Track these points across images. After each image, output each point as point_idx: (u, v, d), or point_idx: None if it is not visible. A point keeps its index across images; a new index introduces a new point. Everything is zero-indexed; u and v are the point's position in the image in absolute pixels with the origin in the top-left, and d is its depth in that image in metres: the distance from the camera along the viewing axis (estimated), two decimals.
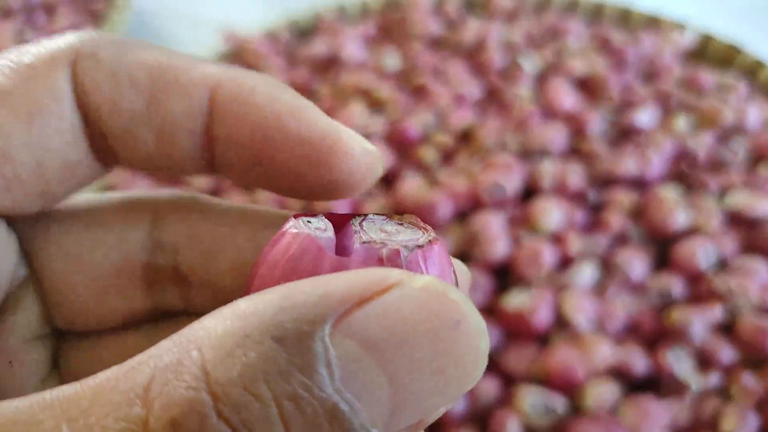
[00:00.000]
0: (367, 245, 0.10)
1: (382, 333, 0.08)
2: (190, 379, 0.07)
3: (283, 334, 0.08)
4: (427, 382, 0.08)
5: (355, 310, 0.08)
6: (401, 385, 0.08)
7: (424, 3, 0.65)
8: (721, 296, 0.38)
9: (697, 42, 0.60)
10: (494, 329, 0.36)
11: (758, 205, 0.42)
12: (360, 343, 0.08)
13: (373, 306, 0.08)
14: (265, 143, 0.12)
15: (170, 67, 0.12)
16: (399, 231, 0.11)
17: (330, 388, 0.08)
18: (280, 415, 0.07)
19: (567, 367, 0.34)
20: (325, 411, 0.07)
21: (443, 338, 0.08)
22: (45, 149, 0.11)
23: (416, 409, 0.08)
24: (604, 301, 0.37)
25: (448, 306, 0.08)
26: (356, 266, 0.10)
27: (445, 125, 0.49)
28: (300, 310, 0.08)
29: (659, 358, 0.35)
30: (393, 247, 0.10)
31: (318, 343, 0.08)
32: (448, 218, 0.41)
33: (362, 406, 0.08)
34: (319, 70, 0.60)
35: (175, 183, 0.49)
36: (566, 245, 0.39)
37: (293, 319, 0.08)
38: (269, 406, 0.07)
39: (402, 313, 0.08)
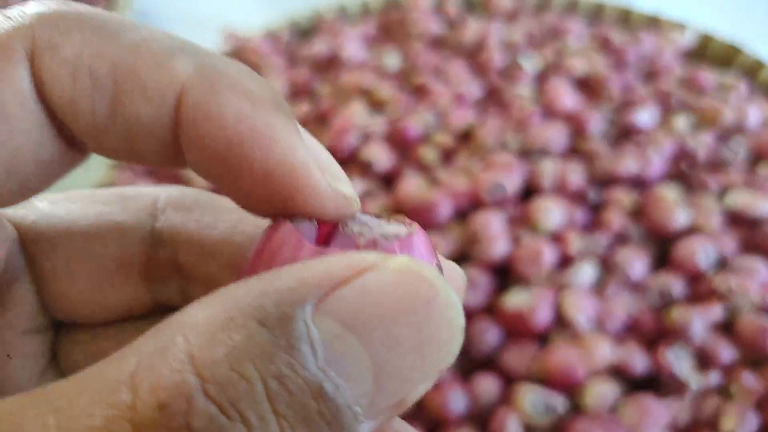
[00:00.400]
0: (347, 236, 0.10)
1: (361, 312, 0.08)
2: (176, 363, 0.07)
3: (266, 317, 0.08)
4: (406, 359, 0.08)
5: (335, 292, 0.08)
6: (382, 363, 0.08)
7: (424, 3, 0.65)
8: (721, 295, 0.38)
9: (697, 42, 0.60)
10: (494, 328, 0.36)
11: (758, 204, 0.42)
12: (341, 322, 0.08)
13: (351, 287, 0.08)
14: (229, 164, 0.11)
15: (135, 67, 0.11)
16: (381, 225, 0.11)
17: (314, 367, 0.08)
18: (266, 394, 0.07)
19: (567, 366, 0.34)
20: (310, 389, 0.08)
21: (418, 315, 0.08)
22: (13, 150, 0.11)
23: (398, 387, 0.08)
24: (604, 301, 0.37)
25: (421, 284, 0.09)
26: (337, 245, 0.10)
27: (445, 125, 0.49)
28: (281, 293, 0.08)
29: (659, 358, 0.35)
30: (371, 237, 0.10)
31: (300, 324, 0.08)
32: (448, 218, 0.41)
33: (346, 385, 0.08)
34: (320, 69, 0.60)
35: (177, 181, 0.49)
36: (566, 245, 0.39)
37: (275, 302, 0.08)
38: (255, 384, 0.07)
39: (379, 292, 0.08)
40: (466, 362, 0.37)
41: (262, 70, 0.59)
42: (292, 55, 0.62)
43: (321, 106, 0.53)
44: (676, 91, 0.51)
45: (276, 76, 0.57)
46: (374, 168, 0.45)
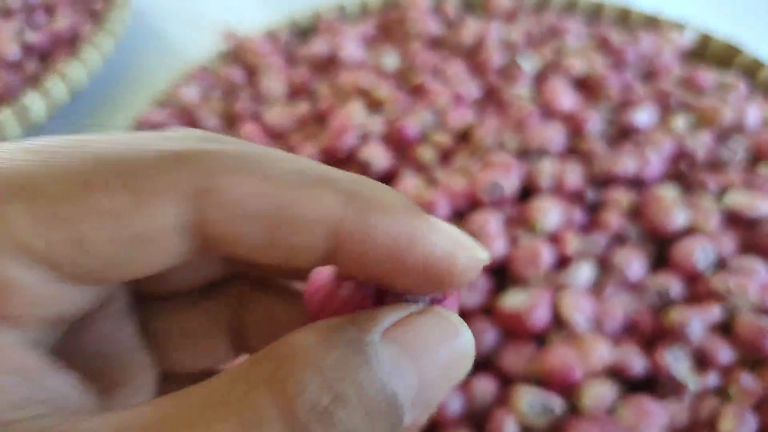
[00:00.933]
0: (396, 294, 0.14)
1: (413, 341, 0.12)
2: (292, 378, 0.11)
3: (351, 340, 0.12)
4: (439, 373, 0.12)
5: (395, 327, 0.12)
6: (424, 375, 0.12)
7: (423, 3, 0.65)
8: (720, 296, 0.37)
9: (697, 42, 0.60)
10: (492, 329, 0.36)
11: (757, 204, 0.41)
12: (399, 347, 0.12)
13: (406, 324, 0.13)
14: (385, 270, 0.13)
15: (291, 202, 0.12)
16: None
17: (381, 375, 0.11)
18: (356, 395, 0.11)
19: (564, 367, 0.34)
20: (378, 390, 0.11)
21: (449, 345, 0.13)
22: (146, 264, 0.12)
23: (432, 392, 0.12)
24: (602, 301, 0.37)
25: (450, 326, 0.13)
26: (390, 300, 0.14)
27: (444, 125, 0.49)
28: (361, 325, 0.12)
29: (657, 359, 0.35)
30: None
31: (372, 346, 0.12)
32: (445, 218, 0.41)
33: (401, 389, 0.12)
34: (319, 69, 0.60)
35: None
36: (564, 245, 0.39)
37: (358, 330, 0.12)
38: (348, 390, 0.11)
39: (424, 329, 0.13)
40: None
41: (261, 70, 0.59)
42: (291, 54, 0.62)
43: (320, 106, 0.53)
44: (675, 90, 0.51)
45: (275, 76, 0.57)
46: (373, 168, 0.45)
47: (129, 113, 0.60)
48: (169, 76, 0.65)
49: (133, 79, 0.71)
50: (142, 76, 0.73)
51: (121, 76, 0.71)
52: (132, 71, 0.72)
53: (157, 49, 0.76)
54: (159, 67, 0.75)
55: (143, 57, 0.75)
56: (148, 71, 0.73)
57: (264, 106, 0.55)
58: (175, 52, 0.76)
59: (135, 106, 0.68)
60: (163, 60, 0.75)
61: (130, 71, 0.72)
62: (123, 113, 0.68)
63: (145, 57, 0.75)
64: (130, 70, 0.72)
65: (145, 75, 0.73)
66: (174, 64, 0.74)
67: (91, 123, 0.66)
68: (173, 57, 0.76)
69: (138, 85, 0.71)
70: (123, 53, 0.72)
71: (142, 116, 0.54)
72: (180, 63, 0.69)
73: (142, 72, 0.73)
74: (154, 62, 0.74)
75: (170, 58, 0.75)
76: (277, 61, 0.60)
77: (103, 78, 0.69)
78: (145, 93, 0.67)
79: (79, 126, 0.65)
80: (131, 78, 0.72)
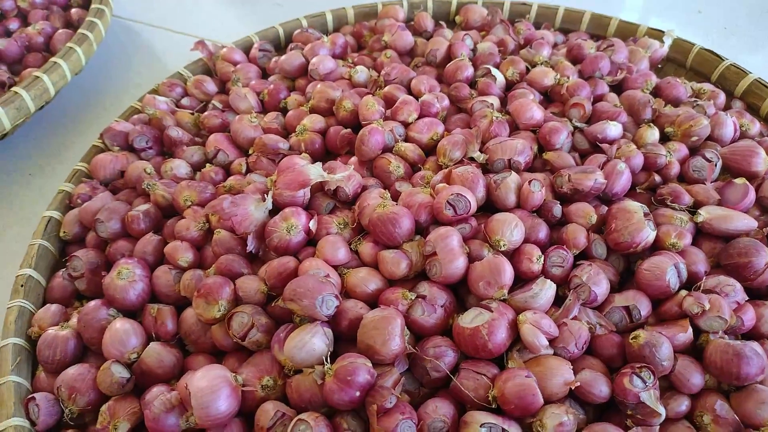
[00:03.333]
0: None
1: None
2: None
3: None
4: None
5: None
6: None
7: (397, 15, 0.65)
8: (692, 316, 0.35)
9: (675, 51, 0.59)
10: (450, 350, 0.34)
11: (731, 221, 0.40)
12: None
13: None
14: None
15: None
16: None
17: None
18: None
19: (523, 392, 0.32)
20: None
21: None
22: None
23: None
24: (566, 322, 0.35)
25: None
26: None
27: (411, 137, 0.48)
28: None
29: (624, 383, 0.33)
30: None
31: None
32: (408, 232, 0.39)
33: None
34: (291, 79, 0.59)
35: (143, 196, 0.48)
36: (527, 262, 0.37)
37: None
38: None
39: None
40: (418, 387, 0.35)
41: (234, 78, 0.58)
42: (264, 65, 0.61)
43: (291, 116, 0.52)
44: (650, 101, 0.50)
45: (245, 88, 0.56)
46: (340, 194, 0.43)
47: (99, 126, 0.59)
48: (145, 87, 0.64)
49: (105, 91, 0.71)
50: (116, 88, 0.72)
51: (93, 88, 0.70)
52: (105, 82, 0.72)
53: (133, 60, 0.75)
54: (135, 78, 0.74)
55: (118, 68, 0.74)
56: (123, 83, 0.72)
57: (234, 117, 0.53)
58: (151, 62, 0.75)
59: (106, 117, 0.67)
60: (139, 70, 0.74)
61: (103, 83, 0.71)
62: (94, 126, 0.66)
63: (120, 68, 0.74)
64: (104, 82, 0.71)
65: (120, 86, 0.72)
66: (150, 74, 0.73)
67: (60, 134, 0.65)
68: (149, 67, 0.75)
69: (110, 97, 0.70)
70: (98, 63, 0.71)
71: (110, 126, 0.53)
72: (156, 73, 0.68)
73: (115, 84, 0.72)
74: (129, 73, 0.73)
75: (146, 69, 0.75)
76: (250, 70, 0.60)
77: (78, 87, 0.69)
78: (119, 104, 0.66)
79: (48, 137, 0.64)
80: (103, 90, 0.71)
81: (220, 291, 0.37)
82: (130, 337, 0.37)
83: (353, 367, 0.31)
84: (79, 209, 0.46)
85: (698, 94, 0.53)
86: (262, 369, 0.34)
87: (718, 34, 0.77)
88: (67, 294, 0.43)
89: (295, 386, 0.33)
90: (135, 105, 0.56)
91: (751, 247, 0.38)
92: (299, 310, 0.34)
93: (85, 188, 0.48)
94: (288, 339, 0.33)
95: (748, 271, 0.37)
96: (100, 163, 0.49)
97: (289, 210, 0.40)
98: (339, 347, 0.35)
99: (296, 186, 0.41)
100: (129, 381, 0.36)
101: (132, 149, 0.51)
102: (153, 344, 0.37)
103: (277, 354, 0.34)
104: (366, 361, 0.32)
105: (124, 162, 0.50)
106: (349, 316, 0.35)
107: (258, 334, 0.35)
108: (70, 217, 0.46)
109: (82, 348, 0.39)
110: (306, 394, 0.33)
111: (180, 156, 0.50)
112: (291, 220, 0.39)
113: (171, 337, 0.38)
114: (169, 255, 0.41)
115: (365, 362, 0.32)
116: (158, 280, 0.40)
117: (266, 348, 0.36)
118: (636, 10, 0.85)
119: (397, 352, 0.33)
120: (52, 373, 0.38)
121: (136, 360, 0.37)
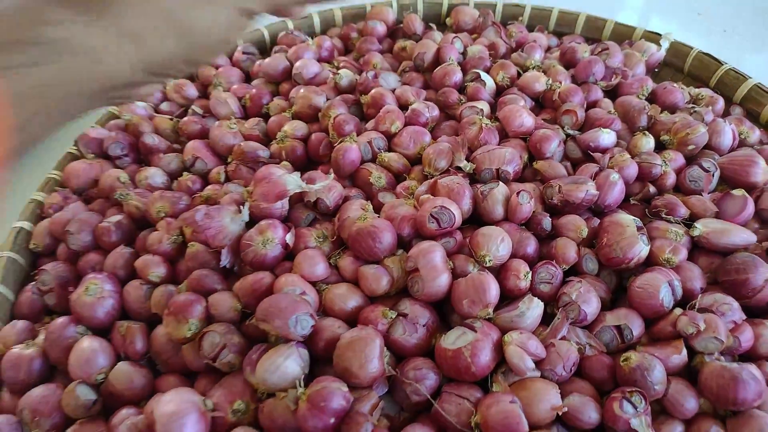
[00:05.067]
0: None
1: None
2: None
3: None
4: None
5: None
6: None
7: (386, 18, 0.63)
8: (687, 337, 0.34)
9: (673, 55, 0.57)
10: (432, 372, 0.33)
11: (729, 235, 0.38)
12: None
13: None
14: None
15: None
16: None
17: None
18: None
19: (508, 418, 0.30)
20: None
21: None
22: None
23: None
24: (554, 342, 0.33)
25: None
26: None
27: (395, 145, 0.46)
28: None
29: (614, 408, 0.31)
30: None
31: None
32: (390, 246, 0.37)
33: None
34: (274, 83, 0.57)
35: (114, 206, 0.46)
36: (514, 278, 0.35)
37: None
38: None
39: None
40: (398, 412, 0.33)
41: (217, 82, 0.56)
42: (248, 68, 0.59)
43: (273, 121, 0.50)
44: (644, 107, 0.48)
45: (226, 92, 0.54)
46: (321, 205, 0.42)
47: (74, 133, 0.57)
48: None
49: None
50: None
51: None
52: None
53: None
54: None
55: None
56: None
57: (213, 123, 0.51)
58: None
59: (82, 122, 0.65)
60: None
61: None
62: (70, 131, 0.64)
63: None
64: None
65: None
66: None
67: None
68: None
69: None
70: None
71: (85, 132, 0.51)
72: None
73: None
74: None
75: None
76: (233, 73, 0.58)
77: None
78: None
79: None
80: None
81: (190, 309, 0.35)
82: (97, 357, 0.35)
83: (327, 392, 0.30)
84: (50, 220, 0.44)
85: (696, 99, 0.51)
86: (234, 392, 0.32)
87: (719, 35, 0.75)
88: (36, 309, 0.41)
89: (267, 411, 0.31)
90: (112, 110, 0.55)
91: (749, 262, 0.36)
92: (272, 330, 0.32)
93: (57, 198, 0.46)
94: (260, 361, 0.32)
95: (746, 288, 0.35)
96: (74, 172, 0.48)
97: (265, 222, 0.38)
98: (316, 368, 0.33)
99: (273, 197, 0.39)
100: (96, 403, 0.34)
101: (107, 156, 0.50)
102: (121, 364, 0.35)
103: (248, 377, 0.32)
104: (342, 385, 0.31)
105: (99, 170, 0.48)
106: (325, 336, 0.33)
107: (230, 355, 0.34)
108: (40, 228, 0.45)
109: (49, 367, 0.37)
110: (279, 420, 0.31)
111: (156, 164, 0.48)
112: (267, 233, 0.38)
113: (140, 356, 0.36)
114: (140, 270, 0.39)
115: (340, 386, 0.30)
116: (129, 296, 0.38)
117: (239, 369, 0.34)
118: (636, 11, 0.83)
119: (375, 375, 0.31)
120: (17, 394, 0.36)
121: (103, 381, 0.35)
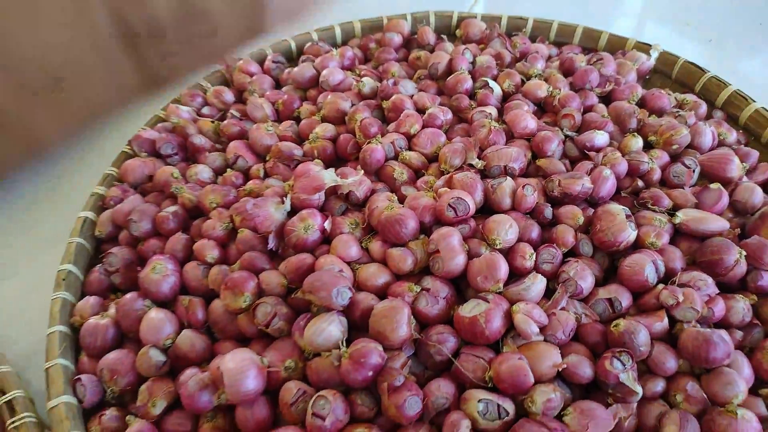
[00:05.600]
0: None
1: None
2: None
3: None
4: None
5: None
6: None
7: (401, 30, 0.69)
8: (668, 307, 0.40)
9: (662, 63, 0.63)
10: (451, 336, 0.38)
11: (706, 222, 0.44)
12: None
13: None
14: None
15: None
16: None
17: None
18: None
19: (516, 373, 0.36)
20: None
21: None
22: None
23: None
24: (555, 312, 0.39)
25: None
26: None
27: (414, 145, 0.52)
28: None
29: (606, 365, 0.37)
30: None
31: None
32: (413, 231, 0.43)
33: None
34: (303, 90, 0.63)
35: (170, 197, 0.52)
36: (521, 258, 0.41)
37: None
38: None
39: None
40: (423, 370, 0.39)
41: (250, 89, 0.62)
42: (278, 75, 0.65)
43: (304, 124, 0.56)
44: (635, 112, 0.54)
45: (261, 97, 0.60)
46: (352, 197, 0.48)
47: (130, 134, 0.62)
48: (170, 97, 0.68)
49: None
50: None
51: None
52: None
53: None
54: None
55: None
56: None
57: (251, 125, 0.58)
58: None
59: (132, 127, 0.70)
60: None
61: None
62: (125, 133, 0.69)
63: None
64: None
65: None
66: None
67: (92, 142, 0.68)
68: None
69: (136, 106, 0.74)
70: None
71: (138, 134, 0.57)
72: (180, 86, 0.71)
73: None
74: None
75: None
76: (265, 81, 0.64)
77: None
78: (144, 113, 0.69)
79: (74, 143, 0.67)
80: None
81: (245, 284, 0.41)
82: (164, 325, 0.41)
83: (366, 350, 0.36)
84: (112, 210, 0.50)
85: (681, 104, 0.57)
86: (285, 353, 0.38)
87: (706, 45, 0.81)
88: (103, 287, 0.47)
89: (314, 368, 0.37)
90: (159, 114, 0.61)
91: (723, 245, 0.42)
92: (317, 301, 0.38)
93: (116, 191, 0.52)
94: (307, 327, 0.38)
95: (720, 267, 0.41)
96: (130, 168, 0.54)
97: (305, 211, 0.44)
98: (352, 334, 0.39)
99: (312, 190, 0.45)
100: (165, 364, 0.40)
101: (158, 155, 0.56)
102: (186, 331, 0.41)
103: (297, 340, 0.38)
104: (377, 345, 0.36)
105: (152, 167, 0.54)
106: (361, 307, 0.39)
107: (280, 322, 0.40)
108: (104, 217, 0.51)
109: (120, 335, 0.43)
110: (324, 375, 0.37)
111: (203, 161, 0.54)
112: (308, 220, 0.44)
113: (201, 325, 0.42)
114: (197, 252, 0.45)
115: (377, 346, 0.36)
116: (188, 274, 0.44)
117: (287, 335, 0.40)
118: (633, 18, 0.88)
119: (404, 338, 0.37)
120: (94, 357, 0.42)
121: (170, 345, 0.41)
